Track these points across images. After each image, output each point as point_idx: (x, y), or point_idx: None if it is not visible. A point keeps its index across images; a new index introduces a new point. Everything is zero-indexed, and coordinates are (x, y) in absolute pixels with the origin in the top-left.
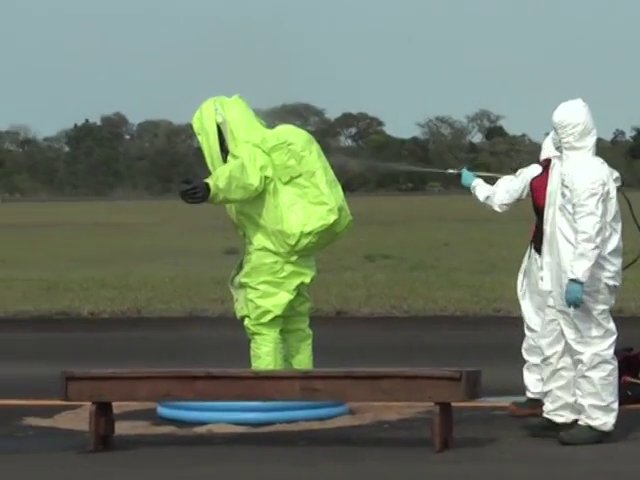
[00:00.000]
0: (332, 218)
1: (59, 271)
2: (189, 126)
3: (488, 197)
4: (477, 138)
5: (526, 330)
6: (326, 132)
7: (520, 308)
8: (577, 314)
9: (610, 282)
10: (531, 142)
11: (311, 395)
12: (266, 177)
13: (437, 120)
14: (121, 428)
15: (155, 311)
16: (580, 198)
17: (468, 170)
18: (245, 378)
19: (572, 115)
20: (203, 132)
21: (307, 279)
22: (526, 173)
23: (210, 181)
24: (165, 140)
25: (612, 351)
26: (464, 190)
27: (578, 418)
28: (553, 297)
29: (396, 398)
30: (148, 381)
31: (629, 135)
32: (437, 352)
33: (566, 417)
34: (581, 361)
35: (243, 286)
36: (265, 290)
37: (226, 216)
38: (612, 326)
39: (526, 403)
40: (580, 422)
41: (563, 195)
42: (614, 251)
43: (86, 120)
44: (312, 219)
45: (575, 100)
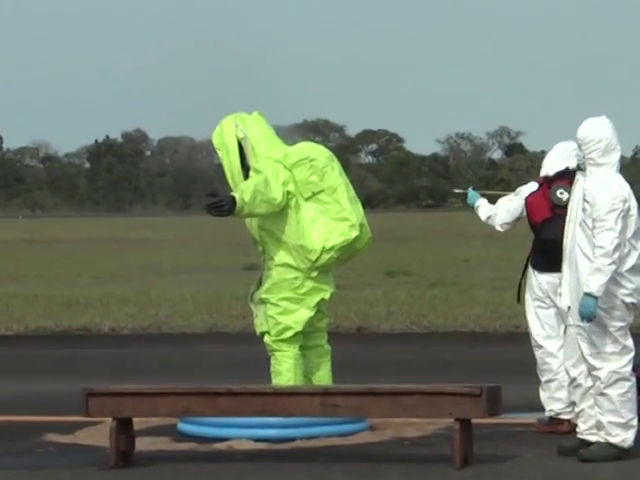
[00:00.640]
0: (354, 234)
1: (80, 287)
2: (210, 142)
3: (489, 217)
4: (497, 154)
5: (534, 348)
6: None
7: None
8: (593, 330)
9: (627, 299)
10: None
11: (331, 411)
12: (288, 192)
13: (457, 136)
14: (142, 444)
15: (176, 327)
16: (600, 213)
17: (474, 190)
18: (265, 394)
19: (596, 131)
20: (224, 148)
21: (327, 295)
22: (524, 191)
23: (236, 194)
24: (186, 156)
25: (630, 368)
26: (469, 209)
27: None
28: (571, 313)
29: (416, 414)
30: (169, 397)
31: None
32: (457, 368)
33: (600, 435)
34: (599, 378)
35: (263, 302)
36: (286, 306)
37: (245, 232)
38: (630, 343)
39: (549, 421)
40: (599, 439)
41: (584, 210)
42: (632, 268)
43: (107, 136)
44: (334, 235)
45: (600, 117)
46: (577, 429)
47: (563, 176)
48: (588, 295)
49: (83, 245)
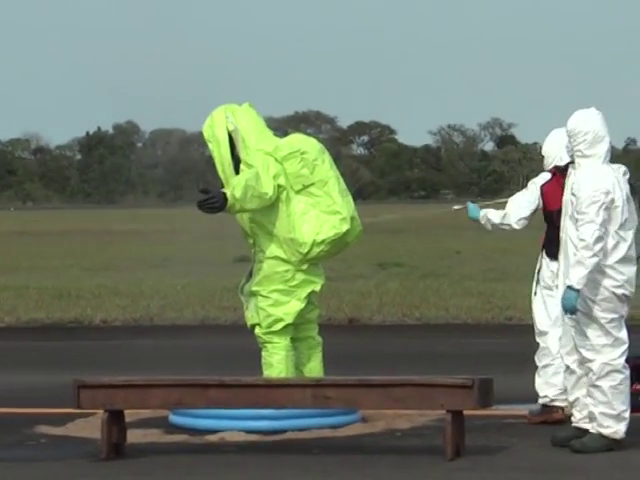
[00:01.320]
0: (345, 227)
1: (71, 279)
2: (201, 134)
3: (504, 217)
4: (489, 146)
5: (536, 335)
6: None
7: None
8: (585, 322)
9: (618, 291)
10: None
11: (323, 403)
12: (279, 186)
13: (449, 128)
14: (133, 436)
15: (167, 319)
16: (582, 206)
17: (472, 203)
18: (257, 386)
19: (583, 123)
20: (214, 140)
21: (317, 287)
22: (537, 182)
23: (227, 191)
24: (178, 148)
25: (623, 360)
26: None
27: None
28: None
29: (408, 406)
30: (160, 389)
31: None
32: (449, 360)
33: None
34: (591, 369)
35: (254, 294)
36: (277, 298)
37: (236, 224)
38: (623, 335)
39: (541, 409)
40: (592, 430)
41: (572, 203)
42: (622, 259)
43: (98, 128)
44: (325, 228)
45: (589, 108)
46: (572, 418)
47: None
48: (569, 288)
49: (74, 237)
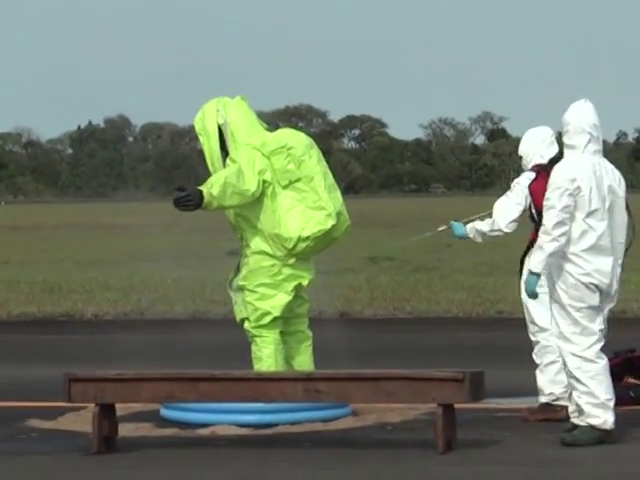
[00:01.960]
0: (330, 223)
1: (62, 273)
2: (193, 128)
3: (493, 223)
4: (480, 140)
5: (535, 332)
6: (329, 134)
7: (524, 309)
8: (555, 309)
9: (584, 279)
10: None
11: (314, 397)
12: (264, 181)
13: (440, 122)
14: (124, 430)
15: (158, 313)
16: (547, 192)
17: (455, 221)
18: (248, 380)
19: (568, 114)
20: (204, 133)
21: (305, 281)
22: (522, 183)
23: (204, 188)
24: (169, 142)
25: (594, 350)
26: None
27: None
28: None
29: (399, 400)
30: (151, 383)
31: (632, 137)
32: (440, 353)
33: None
34: (565, 360)
35: (241, 289)
36: (263, 292)
37: (226, 218)
38: (594, 326)
39: (542, 407)
40: (582, 423)
41: None
42: (590, 248)
43: (89, 122)
44: (310, 224)
45: (580, 100)
46: (568, 411)
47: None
48: (529, 272)
49: (66, 231)
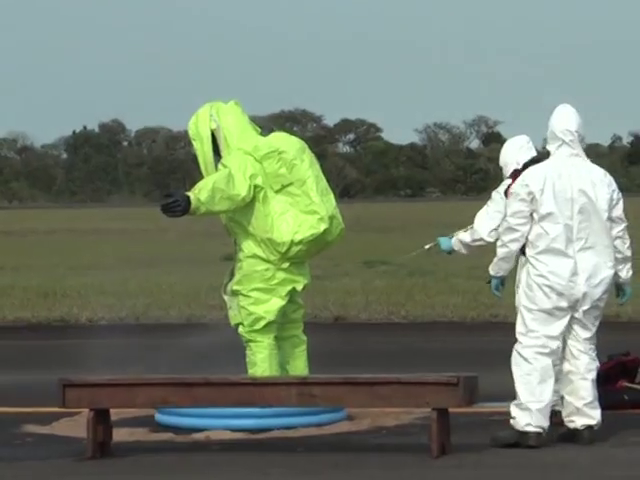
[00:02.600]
0: (322, 227)
1: (57, 278)
2: (187, 133)
3: (473, 233)
4: (475, 144)
5: None
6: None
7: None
8: (518, 309)
9: (539, 280)
10: None
11: (309, 401)
12: (256, 186)
13: (435, 126)
14: (119, 435)
15: (153, 318)
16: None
17: (441, 237)
18: (243, 384)
19: (551, 118)
20: (198, 138)
21: (299, 286)
22: (501, 190)
23: (191, 194)
24: (164, 147)
25: (533, 350)
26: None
27: (590, 424)
28: None
29: (394, 404)
30: (146, 388)
31: (626, 141)
32: (435, 358)
33: (576, 422)
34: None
35: (235, 294)
36: (257, 297)
37: (221, 223)
38: (540, 329)
39: None
40: (576, 425)
41: None
42: (545, 251)
43: (84, 127)
44: (303, 228)
45: (561, 105)
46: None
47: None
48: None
49: (60, 236)
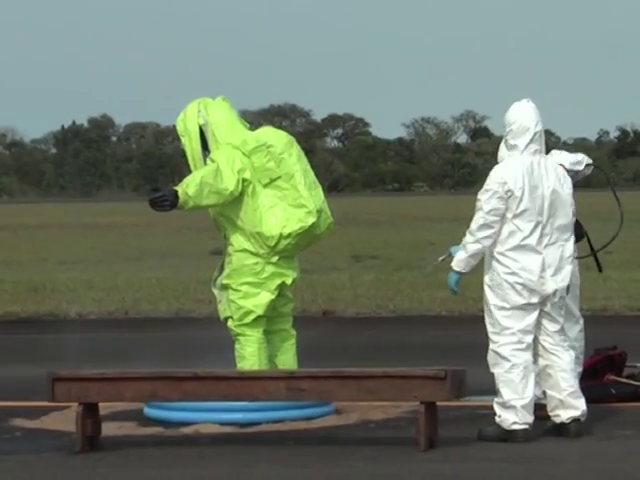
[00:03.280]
0: (311, 220)
1: (46, 272)
2: (175, 128)
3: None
4: (462, 139)
5: None
6: (312, 133)
7: None
8: (484, 309)
9: (510, 279)
10: None
11: (297, 395)
12: (244, 180)
13: (422, 121)
14: (108, 429)
15: (142, 312)
16: (479, 193)
17: (453, 247)
18: (231, 378)
19: (511, 114)
20: (186, 134)
21: (288, 280)
22: None
23: (179, 188)
24: (152, 141)
25: (510, 348)
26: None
27: (576, 416)
28: None
29: (382, 398)
30: (134, 382)
31: (613, 135)
32: (423, 352)
33: (562, 416)
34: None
35: (225, 288)
36: (246, 291)
37: (210, 217)
38: (513, 326)
39: None
40: (561, 418)
41: None
42: (516, 248)
43: (73, 122)
44: (291, 221)
45: (521, 100)
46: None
47: None
48: (451, 269)
49: (50, 231)
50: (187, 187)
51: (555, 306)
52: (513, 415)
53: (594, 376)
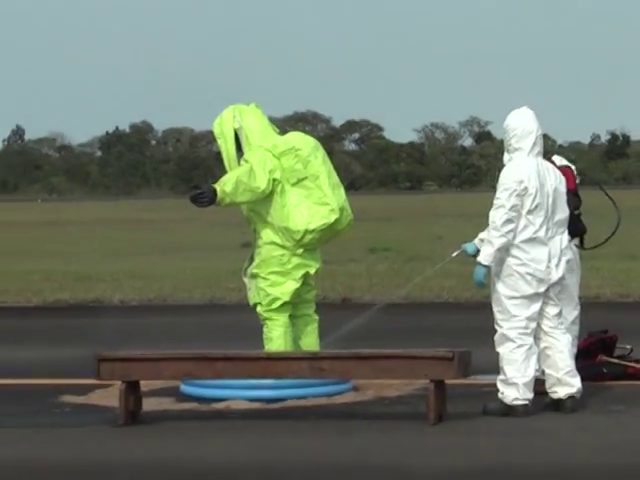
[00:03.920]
0: (333, 217)
1: (92, 264)
2: (209, 132)
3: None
4: (468, 142)
5: None
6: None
7: None
8: (493, 297)
9: (521, 269)
10: None
11: (319, 374)
12: (274, 179)
13: (432, 126)
14: (148, 404)
15: (178, 299)
16: (497, 191)
17: (465, 243)
18: (259, 359)
19: (514, 120)
20: (222, 137)
21: (312, 270)
22: None
23: (217, 186)
24: (187, 145)
25: (517, 332)
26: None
27: (571, 393)
28: None
29: (395, 376)
30: (172, 362)
31: (604, 139)
32: (432, 335)
33: (559, 393)
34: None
35: (254, 276)
36: (274, 280)
37: (241, 213)
38: (522, 314)
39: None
40: (561, 394)
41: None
42: (528, 240)
43: (116, 127)
44: (315, 218)
45: (521, 108)
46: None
47: None
48: (478, 264)
49: (95, 225)
50: (224, 185)
51: (555, 292)
52: (515, 391)
53: (588, 357)
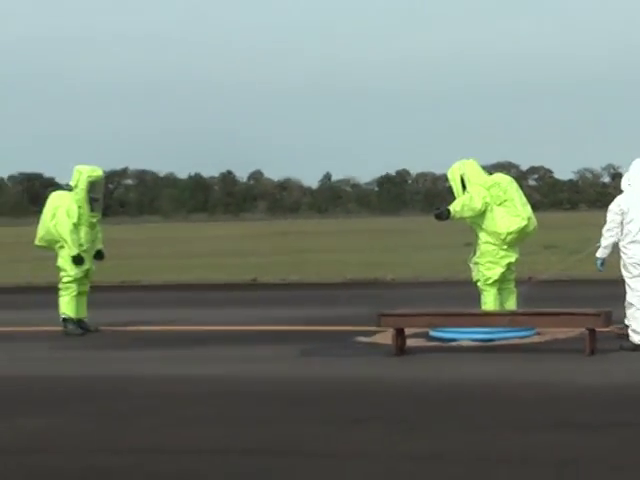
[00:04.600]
0: (523, 224)
1: (374, 254)
2: (446, 175)
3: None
4: (606, 179)
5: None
6: (520, 177)
7: None
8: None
9: (629, 261)
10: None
11: (516, 324)
12: (486, 202)
13: (584, 169)
14: (410, 342)
15: (429, 278)
16: (607, 211)
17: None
18: (478, 315)
19: (633, 166)
20: (453, 180)
21: (513, 259)
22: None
23: (451, 207)
24: (431, 184)
25: (637, 299)
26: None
27: None
28: None
29: (565, 325)
30: (422, 317)
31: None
32: (587, 301)
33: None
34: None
35: (476, 263)
36: (489, 266)
37: (466, 225)
38: (638, 286)
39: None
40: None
41: None
42: (631, 242)
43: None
44: (513, 224)
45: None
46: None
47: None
48: (596, 257)
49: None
50: (455, 207)
51: None
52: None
53: None
